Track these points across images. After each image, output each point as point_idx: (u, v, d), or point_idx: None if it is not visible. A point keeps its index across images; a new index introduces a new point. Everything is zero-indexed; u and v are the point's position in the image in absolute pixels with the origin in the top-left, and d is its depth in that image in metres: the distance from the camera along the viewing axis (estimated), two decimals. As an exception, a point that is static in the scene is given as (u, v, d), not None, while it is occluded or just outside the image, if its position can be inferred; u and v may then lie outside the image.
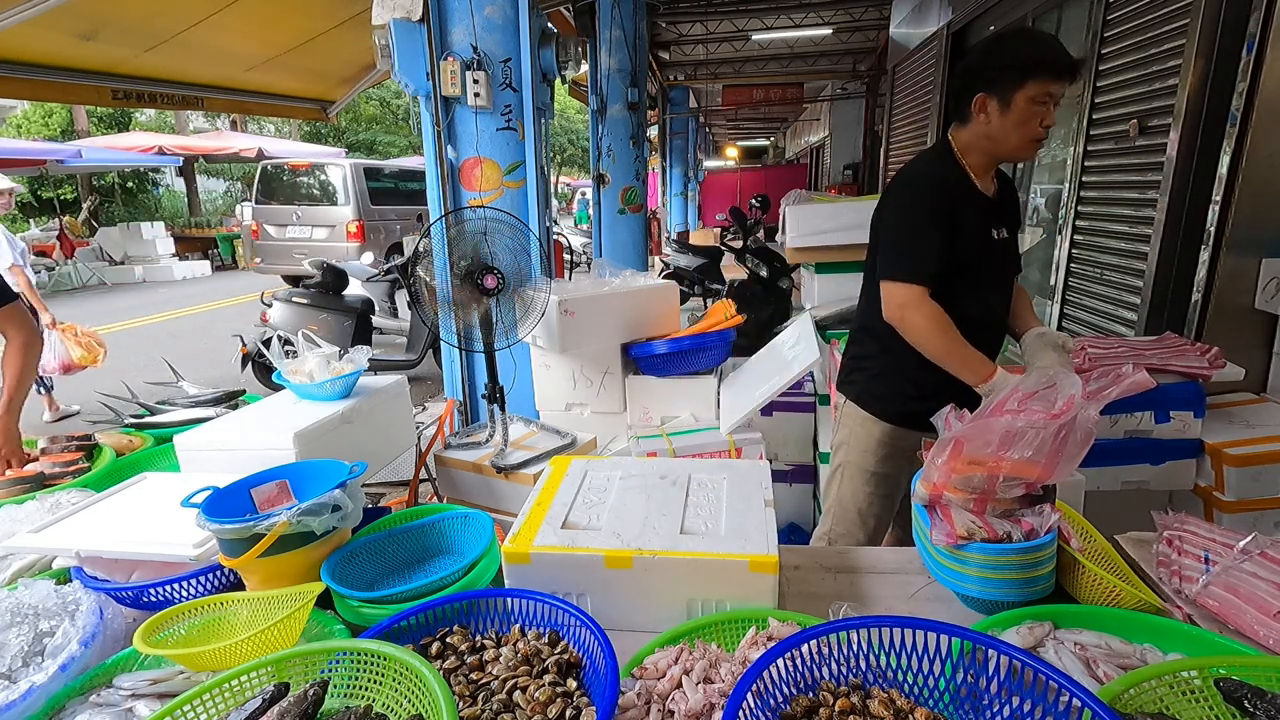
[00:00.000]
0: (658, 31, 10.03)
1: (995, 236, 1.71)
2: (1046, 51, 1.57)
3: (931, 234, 1.65)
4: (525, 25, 3.22)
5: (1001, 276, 1.74)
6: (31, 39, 3.76)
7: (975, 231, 1.67)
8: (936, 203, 1.65)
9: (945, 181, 1.68)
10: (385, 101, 24.07)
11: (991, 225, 1.70)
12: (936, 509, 1.24)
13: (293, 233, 10.66)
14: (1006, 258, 1.74)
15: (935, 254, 1.64)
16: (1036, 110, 1.57)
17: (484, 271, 2.30)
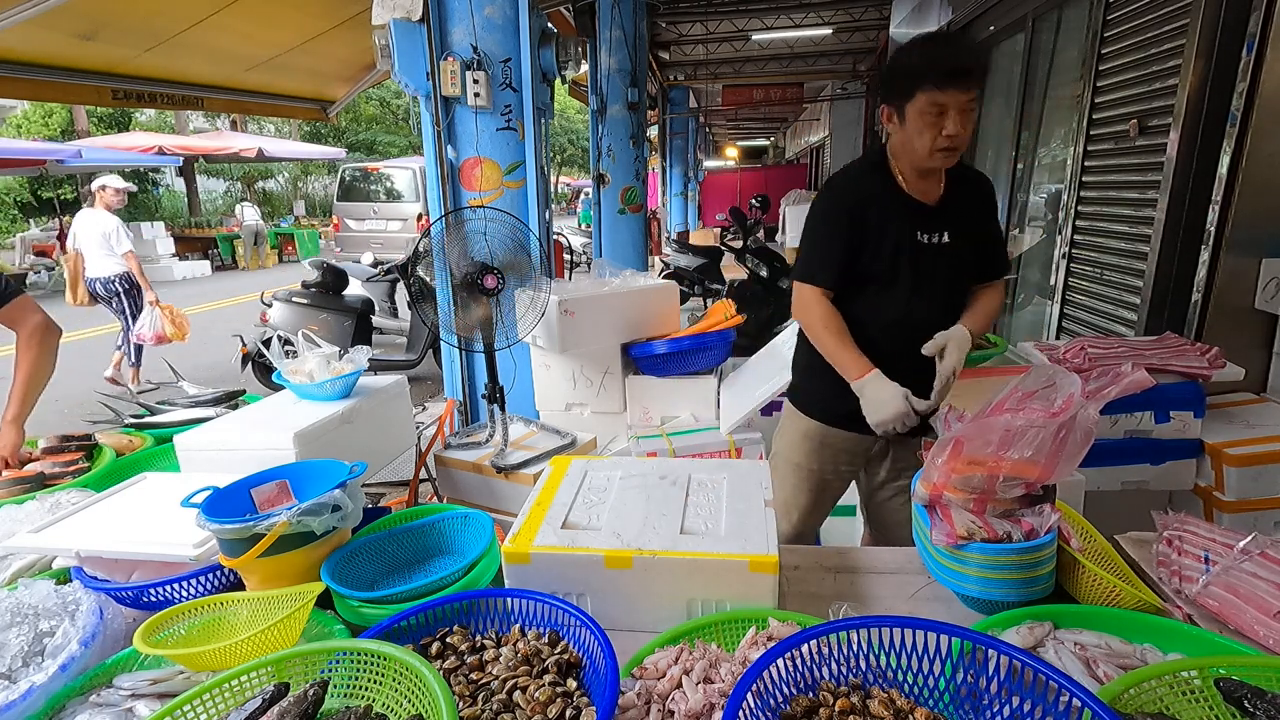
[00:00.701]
0: (658, 31, 10.03)
1: (926, 241, 1.69)
2: (931, 61, 1.52)
3: (829, 239, 1.70)
4: (525, 25, 3.22)
5: (933, 281, 1.71)
6: (31, 39, 3.76)
7: (895, 237, 1.67)
8: (840, 209, 1.69)
9: (859, 188, 1.71)
10: (385, 101, 24.08)
11: (921, 230, 1.68)
12: (936, 509, 1.24)
13: (370, 225, 12.76)
14: (942, 262, 1.71)
15: (832, 258, 1.70)
16: (930, 120, 1.53)
17: (484, 272, 2.30)
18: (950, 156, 1.58)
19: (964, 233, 1.71)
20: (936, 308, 1.71)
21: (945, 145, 1.54)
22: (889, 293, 1.72)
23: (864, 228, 1.67)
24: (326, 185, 27.39)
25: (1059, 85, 3.94)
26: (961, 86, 1.50)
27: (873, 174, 1.71)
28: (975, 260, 1.75)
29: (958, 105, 1.51)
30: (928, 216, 1.69)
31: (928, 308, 1.71)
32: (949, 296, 1.73)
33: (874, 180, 1.70)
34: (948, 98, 1.50)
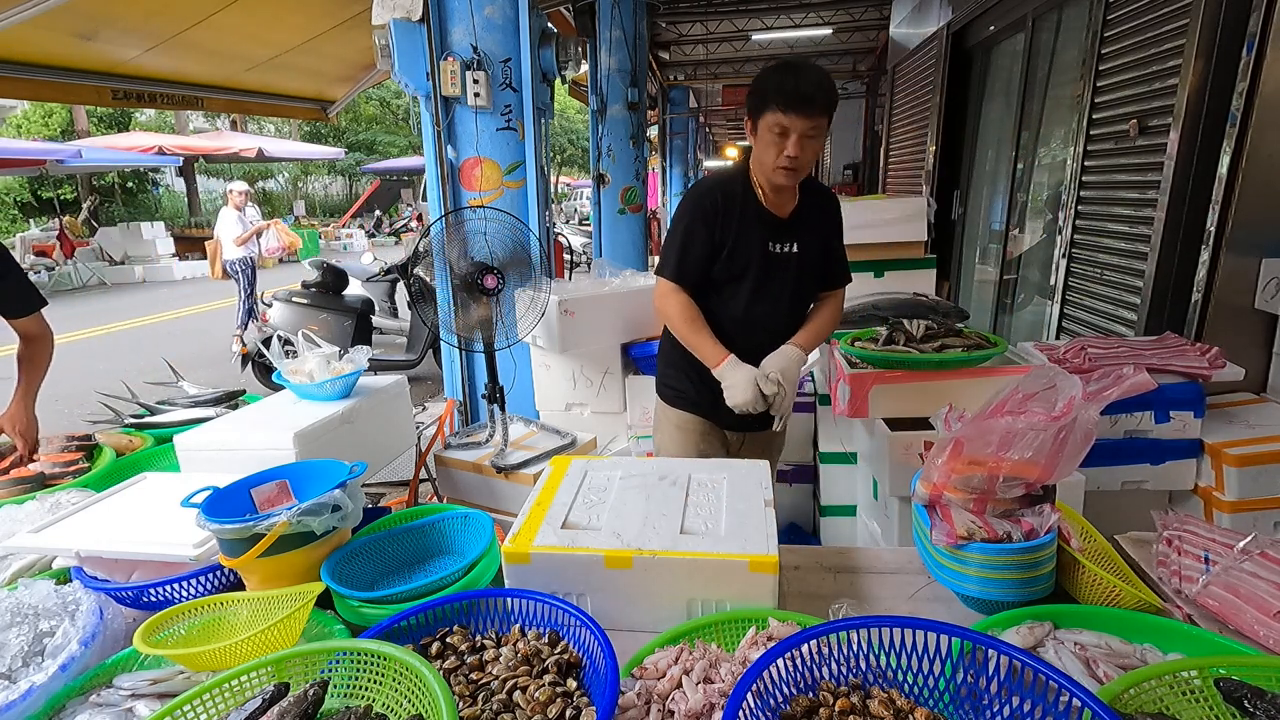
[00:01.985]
0: (658, 31, 10.02)
1: (776, 250, 1.84)
2: (779, 85, 1.63)
3: (684, 239, 1.85)
4: (525, 25, 3.22)
5: (780, 286, 1.87)
6: (31, 39, 3.76)
7: (749, 244, 1.82)
8: (695, 213, 1.83)
9: (716, 196, 1.83)
10: (385, 101, 24.07)
11: (772, 240, 1.83)
12: (936, 509, 1.24)
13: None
14: (790, 270, 1.87)
15: (689, 256, 1.84)
16: (773, 139, 1.66)
17: (484, 271, 2.30)
18: (790, 175, 1.72)
19: (811, 245, 1.87)
20: (780, 310, 1.90)
21: (785, 165, 1.68)
22: (739, 293, 1.87)
23: (722, 232, 1.82)
24: (326, 185, 27.42)
25: (1059, 85, 3.94)
26: (803, 112, 1.62)
27: (734, 183, 1.84)
28: (819, 271, 1.93)
29: (799, 130, 1.64)
30: (779, 228, 1.84)
31: (773, 310, 1.89)
32: (792, 301, 1.92)
33: (735, 189, 1.83)
34: (790, 121, 1.64)
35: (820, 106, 1.63)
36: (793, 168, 1.68)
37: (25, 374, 2.10)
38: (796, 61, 1.70)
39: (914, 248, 3.20)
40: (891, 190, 7.34)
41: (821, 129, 1.67)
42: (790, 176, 1.72)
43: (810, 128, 1.64)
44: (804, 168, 1.71)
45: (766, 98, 1.65)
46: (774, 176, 1.73)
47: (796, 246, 1.85)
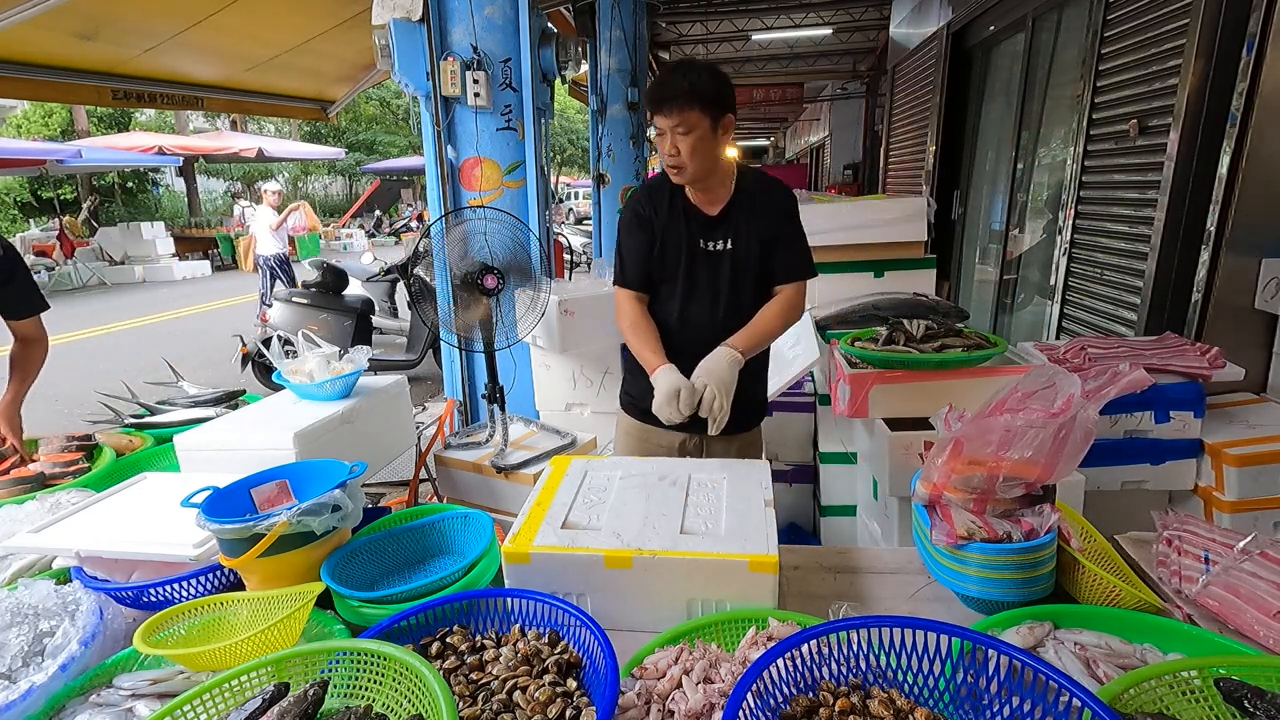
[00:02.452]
0: (658, 31, 10.02)
1: (707, 248, 1.83)
2: (649, 91, 1.70)
3: (626, 243, 1.88)
4: (525, 25, 3.22)
5: (715, 284, 1.86)
6: (31, 39, 3.76)
7: (679, 244, 1.83)
8: (632, 216, 1.87)
9: (653, 198, 1.85)
10: (385, 101, 24.06)
11: (703, 238, 1.83)
12: (936, 509, 1.24)
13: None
14: (724, 267, 1.84)
15: (630, 260, 1.87)
16: (659, 142, 1.72)
17: (484, 271, 2.31)
18: (678, 173, 1.73)
19: (747, 241, 1.83)
20: (717, 310, 1.86)
21: (669, 164, 1.71)
22: (673, 294, 1.87)
23: (655, 234, 1.84)
24: (326, 185, 27.41)
25: (1059, 85, 3.94)
26: (664, 111, 1.65)
27: (665, 185, 1.85)
28: (760, 267, 1.86)
29: (670, 129, 1.67)
30: (709, 225, 1.83)
31: (708, 309, 1.86)
32: (730, 300, 1.86)
33: (664, 189, 1.85)
34: (660, 122, 1.68)
35: (679, 103, 1.63)
36: (675, 165, 1.70)
37: (17, 377, 2.12)
38: (674, 64, 1.74)
39: (914, 248, 3.20)
40: (891, 190, 7.34)
41: (692, 123, 1.65)
42: (678, 175, 1.73)
43: (677, 125, 1.65)
44: (687, 164, 1.70)
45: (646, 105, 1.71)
46: (669, 175, 1.77)
47: (730, 243, 1.83)
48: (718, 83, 1.68)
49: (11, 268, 2.05)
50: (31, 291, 2.13)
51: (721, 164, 1.78)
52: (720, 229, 1.83)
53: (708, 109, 1.66)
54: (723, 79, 1.71)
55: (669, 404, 1.64)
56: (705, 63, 1.73)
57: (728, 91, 1.71)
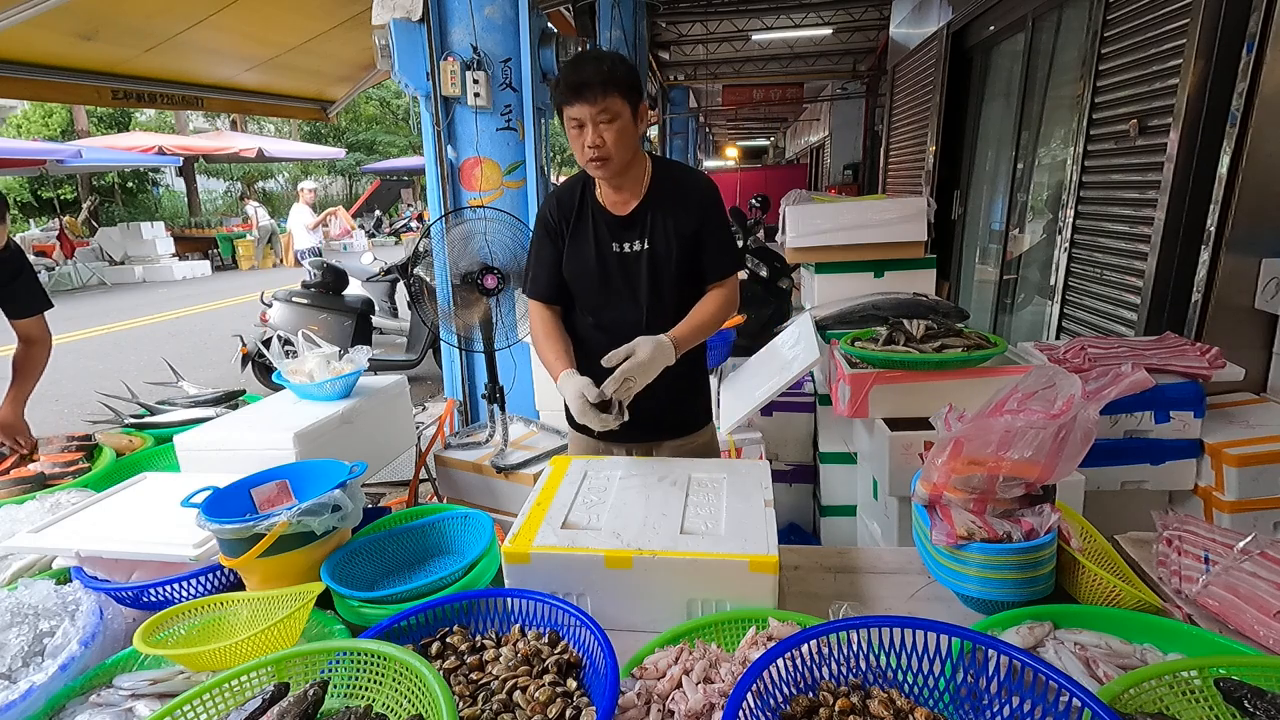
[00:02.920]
0: (658, 31, 10.02)
1: (620, 250, 1.73)
2: (564, 79, 1.59)
3: (536, 251, 1.80)
4: (525, 25, 3.22)
5: (633, 288, 1.74)
6: (31, 39, 3.76)
7: (590, 247, 1.73)
8: (546, 223, 1.78)
9: (562, 202, 1.77)
10: (385, 101, 24.07)
11: (616, 240, 1.73)
12: (936, 509, 1.24)
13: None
14: (641, 269, 1.73)
15: (540, 269, 1.79)
16: (575, 134, 1.60)
17: (484, 271, 2.31)
18: (601, 166, 1.61)
19: (665, 241, 1.72)
20: (639, 313, 1.75)
21: (591, 156, 1.59)
22: (587, 300, 1.79)
23: (564, 239, 1.75)
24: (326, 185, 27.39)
25: (1059, 85, 3.94)
26: (584, 100, 1.55)
27: (575, 189, 1.77)
28: (684, 267, 1.74)
29: (589, 118, 1.56)
30: (621, 226, 1.73)
31: (626, 315, 1.75)
32: (654, 302, 1.75)
33: (575, 194, 1.76)
34: (578, 111, 1.57)
35: (601, 88, 1.53)
36: (599, 157, 1.59)
37: (20, 378, 2.13)
38: (584, 53, 1.64)
39: (914, 248, 3.20)
40: (891, 190, 7.34)
41: (614, 110, 1.56)
42: (603, 167, 1.62)
43: (599, 112, 1.55)
44: (613, 155, 1.59)
45: (557, 97, 1.59)
46: (590, 170, 1.66)
47: (646, 244, 1.72)
48: (633, 70, 1.61)
49: (17, 265, 2.07)
50: (36, 290, 2.14)
51: (638, 156, 1.70)
52: (634, 229, 1.73)
53: (627, 95, 1.58)
54: (634, 68, 1.63)
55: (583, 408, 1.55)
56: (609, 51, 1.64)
57: (640, 81, 1.63)
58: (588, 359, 1.79)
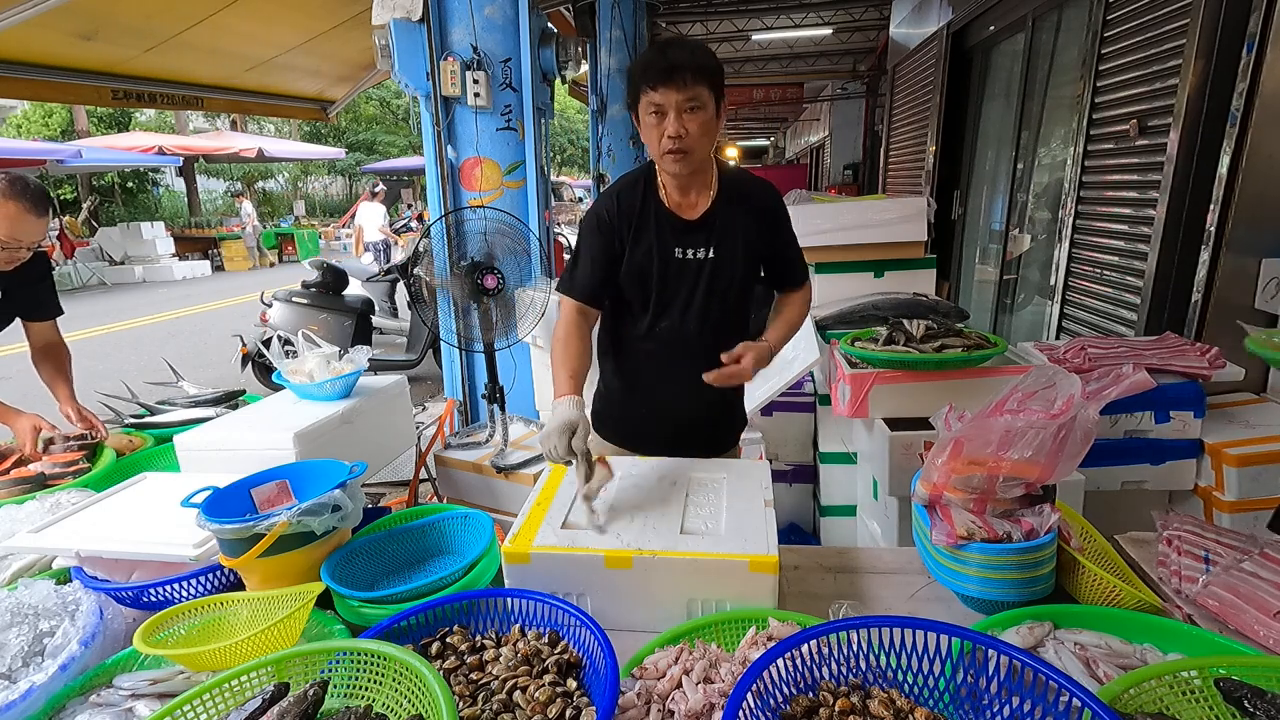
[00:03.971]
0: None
1: (683, 256, 1.63)
2: (645, 65, 1.50)
3: (588, 250, 1.67)
4: (525, 25, 3.23)
5: (691, 297, 1.65)
6: (31, 39, 3.77)
7: (649, 251, 1.63)
8: (599, 221, 1.66)
9: (621, 200, 1.66)
10: (385, 101, 24.07)
11: (679, 245, 1.63)
12: (936, 509, 1.24)
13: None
14: (703, 278, 1.64)
15: (582, 269, 1.67)
16: (654, 123, 1.51)
17: (484, 271, 2.31)
18: (680, 159, 1.52)
19: (731, 249, 1.64)
20: (694, 325, 1.66)
21: (670, 148, 1.50)
22: (647, 308, 1.68)
23: (620, 240, 1.64)
24: (326, 185, 27.41)
25: (1059, 85, 3.94)
26: (674, 84, 1.46)
27: (637, 185, 1.66)
28: (747, 278, 1.69)
29: (674, 105, 1.47)
30: (686, 231, 1.63)
31: (678, 325, 1.66)
32: (713, 314, 1.67)
33: (636, 192, 1.65)
34: (663, 97, 1.47)
35: (691, 75, 1.45)
36: (680, 149, 1.49)
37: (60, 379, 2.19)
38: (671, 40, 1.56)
39: (914, 248, 3.20)
40: (891, 190, 7.34)
41: (702, 100, 1.48)
42: (680, 160, 1.52)
43: (685, 100, 1.46)
44: (694, 148, 1.50)
45: (638, 81, 1.50)
46: (664, 164, 1.55)
47: (711, 251, 1.63)
48: (720, 64, 1.53)
49: (46, 268, 2.13)
50: (54, 294, 2.20)
51: (709, 159, 1.61)
52: (700, 235, 1.63)
53: (714, 87, 1.50)
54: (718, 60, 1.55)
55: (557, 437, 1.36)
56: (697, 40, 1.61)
57: (724, 77, 1.55)
58: (630, 367, 1.74)
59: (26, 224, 1.84)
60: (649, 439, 1.71)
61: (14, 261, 1.93)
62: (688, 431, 1.74)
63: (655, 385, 1.73)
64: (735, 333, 1.69)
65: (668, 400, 1.73)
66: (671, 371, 1.69)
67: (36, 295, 2.12)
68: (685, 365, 1.63)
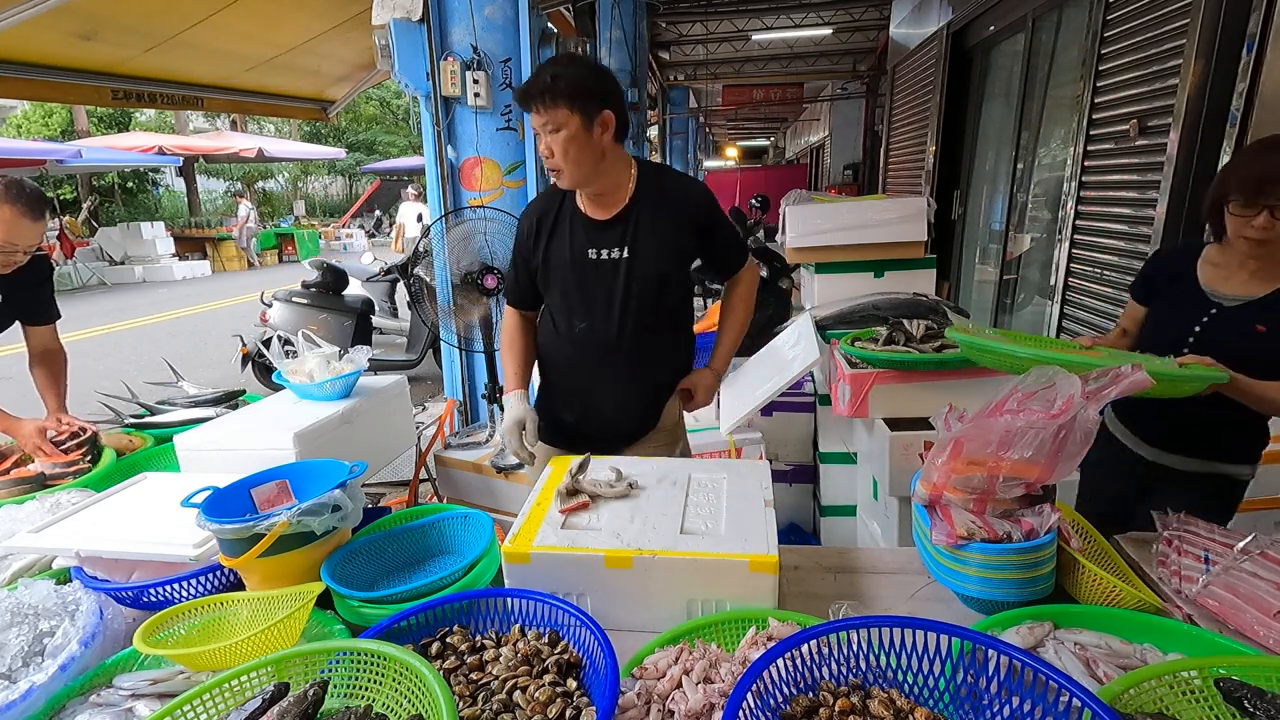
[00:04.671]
0: (658, 31, 10.03)
1: (597, 257, 1.67)
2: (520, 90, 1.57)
3: (515, 256, 1.80)
4: (525, 25, 3.23)
5: (609, 296, 1.68)
6: (31, 39, 3.76)
7: (565, 253, 1.69)
8: (522, 227, 1.77)
9: (541, 205, 1.75)
10: (385, 101, 24.07)
11: (593, 246, 1.67)
12: (936, 509, 1.24)
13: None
14: (619, 277, 1.67)
15: (517, 275, 1.79)
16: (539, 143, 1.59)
17: (484, 271, 2.31)
18: (557, 177, 1.60)
19: (649, 245, 1.66)
20: (616, 325, 1.69)
21: (547, 166, 1.60)
22: (560, 308, 1.74)
23: (539, 244, 1.72)
24: (326, 185, 27.41)
25: (1059, 85, 3.94)
26: (533, 110, 1.53)
27: (557, 192, 1.72)
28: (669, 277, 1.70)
29: (540, 128, 1.55)
30: (600, 231, 1.67)
31: (600, 324, 1.70)
32: (634, 313, 1.69)
33: (555, 198, 1.73)
34: (533, 121, 1.56)
35: (548, 98, 1.49)
36: (552, 168, 1.58)
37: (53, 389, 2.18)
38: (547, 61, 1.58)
39: (914, 248, 3.20)
40: (891, 190, 7.35)
41: (559, 120, 1.51)
42: (557, 178, 1.60)
43: (545, 123, 1.52)
44: (562, 166, 1.56)
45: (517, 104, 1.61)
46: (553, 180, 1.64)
47: (626, 251, 1.65)
48: (589, 76, 1.54)
49: (47, 271, 2.13)
50: (52, 300, 2.20)
51: (611, 164, 1.62)
52: (614, 235, 1.66)
53: (576, 104, 1.51)
54: (598, 72, 1.57)
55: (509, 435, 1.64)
56: (583, 56, 1.65)
57: (605, 86, 1.56)
58: (557, 370, 1.80)
59: (22, 228, 1.83)
60: (581, 439, 1.74)
61: (10, 265, 1.93)
62: (611, 428, 1.79)
63: (581, 386, 1.78)
64: (668, 330, 1.73)
65: (593, 401, 1.78)
66: (597, 372, 1.73)
67: (37, 299, 2.12)
68: (610, 365, 1.69)
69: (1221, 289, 1.53)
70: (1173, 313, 1.61)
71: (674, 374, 1.81)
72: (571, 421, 1.81)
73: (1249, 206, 1.37)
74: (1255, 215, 1.36)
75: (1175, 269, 1.63)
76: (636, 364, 1.70)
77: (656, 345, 1.73)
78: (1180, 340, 1.55)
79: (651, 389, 1.71)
